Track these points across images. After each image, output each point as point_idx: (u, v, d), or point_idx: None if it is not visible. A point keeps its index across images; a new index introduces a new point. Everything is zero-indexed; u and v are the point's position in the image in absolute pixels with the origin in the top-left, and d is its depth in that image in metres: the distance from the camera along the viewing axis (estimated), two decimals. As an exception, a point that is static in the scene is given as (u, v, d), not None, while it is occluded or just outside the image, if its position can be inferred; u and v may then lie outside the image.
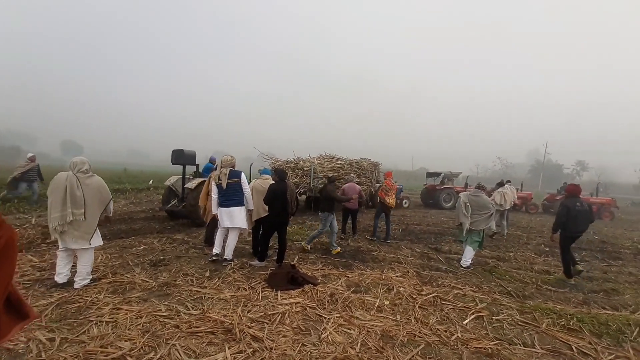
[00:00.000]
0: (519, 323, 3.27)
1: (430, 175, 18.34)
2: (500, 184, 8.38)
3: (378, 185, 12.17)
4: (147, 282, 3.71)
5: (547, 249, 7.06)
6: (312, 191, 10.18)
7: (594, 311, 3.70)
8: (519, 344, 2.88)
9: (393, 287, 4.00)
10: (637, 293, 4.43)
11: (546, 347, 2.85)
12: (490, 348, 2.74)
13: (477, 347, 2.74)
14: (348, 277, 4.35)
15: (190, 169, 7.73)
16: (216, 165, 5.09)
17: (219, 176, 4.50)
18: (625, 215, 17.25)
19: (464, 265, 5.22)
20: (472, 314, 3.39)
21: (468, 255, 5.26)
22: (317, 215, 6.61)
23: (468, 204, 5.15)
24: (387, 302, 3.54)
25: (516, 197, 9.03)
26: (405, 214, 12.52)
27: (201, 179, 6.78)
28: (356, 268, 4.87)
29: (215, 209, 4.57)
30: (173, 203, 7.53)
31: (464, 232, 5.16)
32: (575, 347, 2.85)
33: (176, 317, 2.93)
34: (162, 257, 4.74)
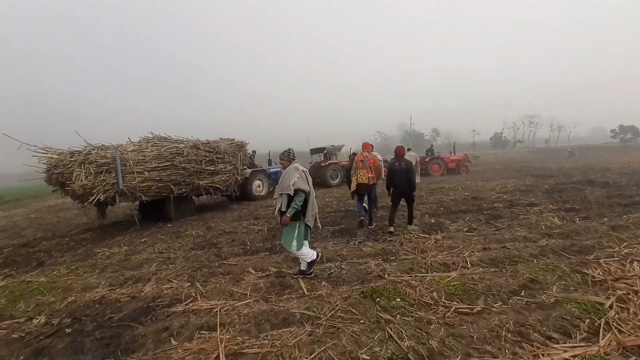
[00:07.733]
0: None
1: (314, 151, 16.46)
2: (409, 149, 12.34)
3: (244, 169, 9.74)
4: None
5: (433, 220, 5.77)
6: (127, 196, 6.51)
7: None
8: None
9: None
10: (565, 284, 2.99)
11: None
12: None
13: None
14: None
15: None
16: None
17: None
18: (473, 167, 19.97)
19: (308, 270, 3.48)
20: None
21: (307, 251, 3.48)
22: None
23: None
24: None
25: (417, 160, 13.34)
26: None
27: None
28: None
29: None
30: None
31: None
32: None
33: None
34: None
